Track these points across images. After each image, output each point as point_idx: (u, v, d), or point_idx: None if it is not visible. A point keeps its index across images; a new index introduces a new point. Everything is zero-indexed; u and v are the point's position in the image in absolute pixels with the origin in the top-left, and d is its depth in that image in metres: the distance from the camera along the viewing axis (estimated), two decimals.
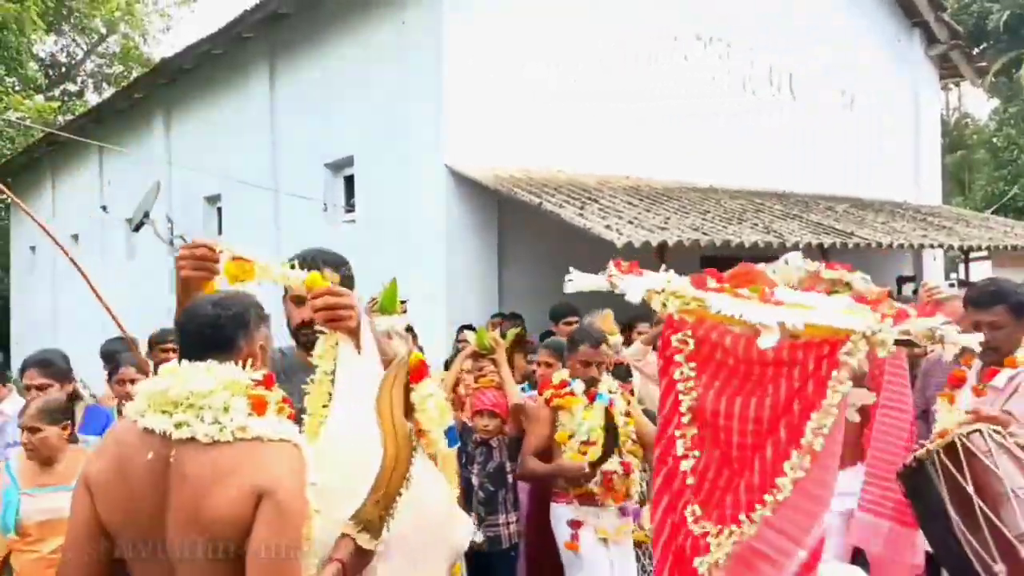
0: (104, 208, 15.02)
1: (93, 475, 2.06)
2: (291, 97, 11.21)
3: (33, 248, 19.33)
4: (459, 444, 4.65)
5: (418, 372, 2.25)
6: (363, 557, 2.06)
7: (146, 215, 12.36)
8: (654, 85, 10.27)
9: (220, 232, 12.81)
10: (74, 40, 25.43)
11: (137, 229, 12.79)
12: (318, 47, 10.71)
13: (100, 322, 4.57)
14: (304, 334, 2.68)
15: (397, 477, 2.11)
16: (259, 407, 2.02)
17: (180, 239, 12.61)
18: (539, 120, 9.33)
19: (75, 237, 17.36)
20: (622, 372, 5.25)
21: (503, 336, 5.24)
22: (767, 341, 2.37)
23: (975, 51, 16.94)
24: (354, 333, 2.26)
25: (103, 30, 24.95)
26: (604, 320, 5.91)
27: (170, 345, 5.64)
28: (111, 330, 4.33)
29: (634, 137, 10.01)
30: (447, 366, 5.86)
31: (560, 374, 4.55)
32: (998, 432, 2.70)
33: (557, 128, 9.46)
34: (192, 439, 1.95)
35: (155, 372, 2.18)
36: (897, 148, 12.59)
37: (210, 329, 2.09)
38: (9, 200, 21.82)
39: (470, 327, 6.45)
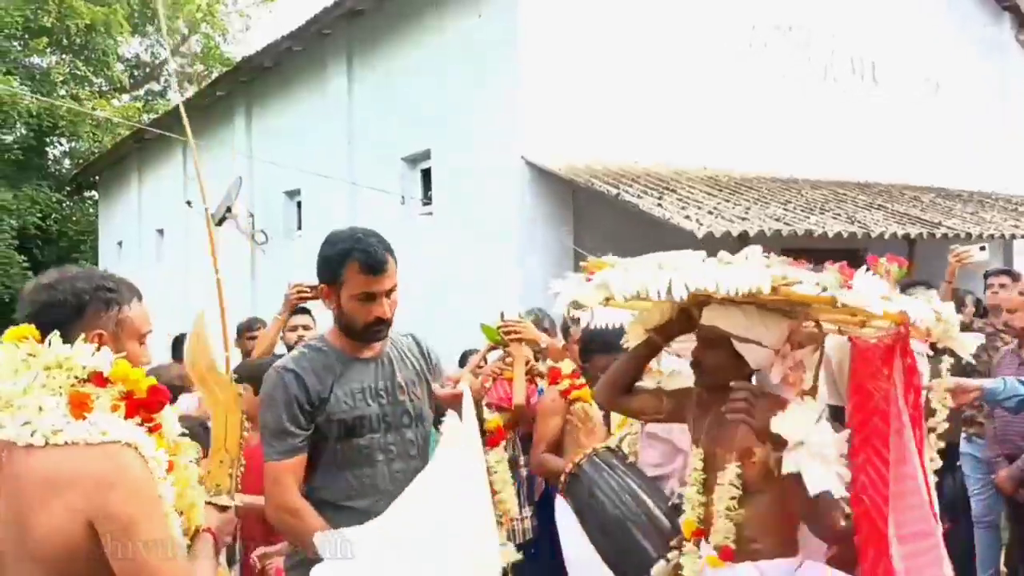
0: (189, 203, 15.43)
1: None
2: (368, 92, 11.35)
3: (120, 243, 19.97)
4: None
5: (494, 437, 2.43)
6: (226, 516, 2.20)
7: (228, 210, 12.66)
8: (732, 75, 10.12)
9: (300, 227, 13.05)
10: (157, 41, 26.14)
11: (220, 223, 13.11)
12: (395, 42, 10.83)
13: (182, 314, 4.70)
14: (376, 330, 2.66)
15: (232, 434, 2.18)
16: (78, 407, 1.82)
17: (261, 233, 12.89)
18: (615, 111, 9.28)
19: (160, 232, 17.90)
20: None
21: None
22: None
23: None
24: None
25: (185, 31, 25.60)
26: None
27: (257, 333, 5.87)
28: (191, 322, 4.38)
29: (711, 127, 9.88)
30: (463, 361, 5.77)
31: (570, 363, 4.23)
32: (609, 450, 3.32)
33: (633, 119, 9.39)
34: (11, 441, 1.79)
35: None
36: (985, 136, 12.18)
37: (35, 320, 1.91)
38: (97, 196, 22.65)
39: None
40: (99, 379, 1.87)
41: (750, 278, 2.29)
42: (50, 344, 1.85)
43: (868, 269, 2.54)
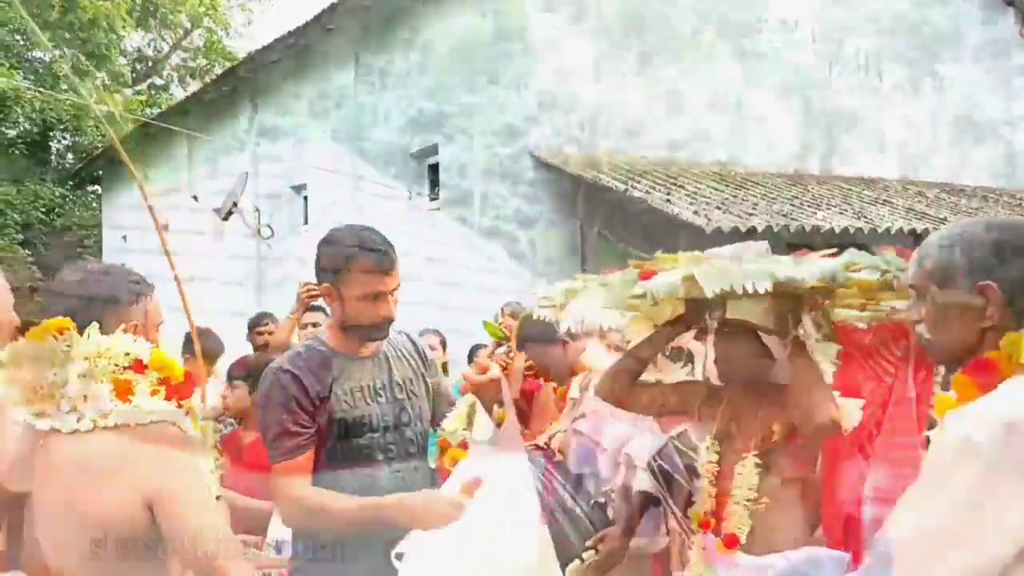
0: (195, 197, 15.44)
1: None
2: (374, 87, 11.37)
3: (124, 237, 19.96)
4: None
5: None
6: None
7: (235, 205, 12.66)
8: (738, 70, 10.14)
9: (306, 221, 13.07)
10: (160, 35, 26.11)
11: (226, 219, 13.10)
12: (401, 37, 10.84)
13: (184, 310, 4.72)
14: (383, 329, 2.59)
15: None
16: (122, 393, 1.89)
17: (267, 228, 12.91)
18: (622, 106, 9.30)
19: (165, 227, 17.90)
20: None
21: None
22: None
23: None
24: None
25: (187, 25, 25.56)
26: None
27: (265, 328, 5.89)
28: (197, 319, 4.39)
29: (718, 122, 9.91)
30: (471, 356, 5.79)
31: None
32: (538, 447, 3.40)
33: (640, 114, 9.42)
34: (55, 429, 1.86)
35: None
36: (990, 132, 12.21)
37: (71, 313, 1.97)
38: (100, 190, 22.66)
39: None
40: (139, 367, 1.95)
41: (827, 266, 2.30)
42: (89, 336, 1.92)
43: None
